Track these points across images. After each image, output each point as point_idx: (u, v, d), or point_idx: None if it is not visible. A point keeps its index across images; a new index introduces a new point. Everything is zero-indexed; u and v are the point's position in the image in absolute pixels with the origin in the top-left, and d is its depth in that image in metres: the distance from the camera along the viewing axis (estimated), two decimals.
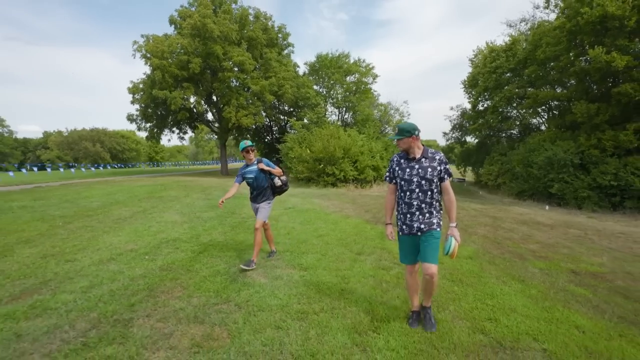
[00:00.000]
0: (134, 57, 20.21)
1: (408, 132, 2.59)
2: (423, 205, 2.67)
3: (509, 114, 20.61)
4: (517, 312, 3.12)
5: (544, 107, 17.68)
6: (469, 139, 26.74)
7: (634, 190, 11.31)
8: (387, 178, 2.87)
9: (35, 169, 29.15)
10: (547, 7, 15.40)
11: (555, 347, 2.52)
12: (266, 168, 4.27)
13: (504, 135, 23.07)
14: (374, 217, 8.26)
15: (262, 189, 4.35)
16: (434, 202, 2.69)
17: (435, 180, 2.64)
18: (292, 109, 28.45)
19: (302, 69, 27.11)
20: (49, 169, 40.61)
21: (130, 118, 23.34)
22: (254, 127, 28.52)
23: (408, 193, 2.70)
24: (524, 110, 19.34)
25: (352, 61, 24.30)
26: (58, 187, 14.39)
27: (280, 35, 25.30)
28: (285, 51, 26.45)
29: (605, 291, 3.82)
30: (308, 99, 22.07)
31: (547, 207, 12.38)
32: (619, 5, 10.40)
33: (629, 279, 4.33)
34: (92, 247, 4.93)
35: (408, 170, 2.69)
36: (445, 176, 2.66)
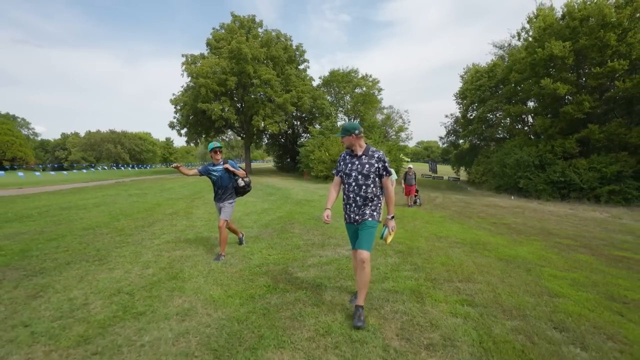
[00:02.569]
0: (183, 76, 24.57)
1: (348, 131, 2.87)
2: (358, 199, 2.88)
3: (493, 122, 24.48)
4: (453, 231, 7.00)
5: (519, 118, 21.54)
6: (461, 142, 30.57)
7: (576, 185, 15.16)
8: (335, 171, 3.13)
9: (95, 169, 32.97)
10: (519, 39, 19.31)
11: (464, 237, 6.39)
12: (230, 169, 4.55)
13: (492, 139, 26.91)
14: None
15: (226, 188, 4.59)
16: (369, 196, 2.88)
17: (371, 177, 2.84)
18: (304, 116, 32.41)
19: (317, 82, 31.18)
20: (93, 169, 44.41)
21: (171, 125, 27.64)
22: (271, 132, 32.57)
23: (347, 186, 2.95)
24: (505, 120, 23.20)
25: (360, 76, 28.33)
26: (133, 183, 18.32)
27: (297, 52, 29.28)
28: (302, 66, 30.42)
29: (503, 228, 7.71)
30: (323, 109, 26.04)
31: (512, 197, 16.25)
32: (561, 49, 14.25)
33: (521, 225, 8.22)
34: None
35: (350, 165, 2.93)
36: (384, 173, 2.86)
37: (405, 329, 2.72)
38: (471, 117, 24.89)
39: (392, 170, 8.37)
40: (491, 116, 23.53)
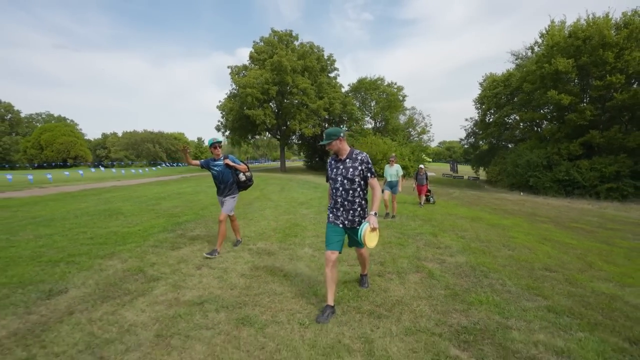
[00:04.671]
0: (231, 87, 28.33)
1: (334, 135, 2.89)
2: (346, 203, 2.95)
3: (510, 126, 26.56)
4: (461, 211, 9.75)
5: (533, 123, 23.63)
6: (481, 144, 32.59)
7: (578, 183, 17.35)
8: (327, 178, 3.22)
9: (154, 168, 37.50)
10: (532, 52, 21.48)
11: (467, 214, 9.15)
12: (231, 164, 4.61)
13: (510, 141, 28.89)
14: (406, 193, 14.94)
15: (228, 183, 4.68)
16: (357, 200, 2.93)
17: (357, 180, 2.88)
18: (333, 119, 35.44)
19: (345, 88, 34.17)
20: (140, 169, 49.10)
21: (217, 128, 31.77)
22: (301, 133, 35.87)
23: (334, 190, 3.02)
24: (524, 123, 25.30)
25: (385, 83, 31.08)
26: (194, 178, 21.89)
27: (329, 62, 32.36)
28: (332, 74, 33.48)
29: (500, 211, 10.38)
30: (352, 113, 29.01)
31: (521, 193, 18.57)
32: (565, 65, 16.49)
33: (516, 210, 10.83)
34: (293, 195, 11.86)
35: (335, 170, 3.00)
36: (369, 174, 2.91)
37: (427, 243, 5.63)
38: (489, 121, 27.08)
39: (399, 166, 10.68)
40: (509, 120, 25.66)
